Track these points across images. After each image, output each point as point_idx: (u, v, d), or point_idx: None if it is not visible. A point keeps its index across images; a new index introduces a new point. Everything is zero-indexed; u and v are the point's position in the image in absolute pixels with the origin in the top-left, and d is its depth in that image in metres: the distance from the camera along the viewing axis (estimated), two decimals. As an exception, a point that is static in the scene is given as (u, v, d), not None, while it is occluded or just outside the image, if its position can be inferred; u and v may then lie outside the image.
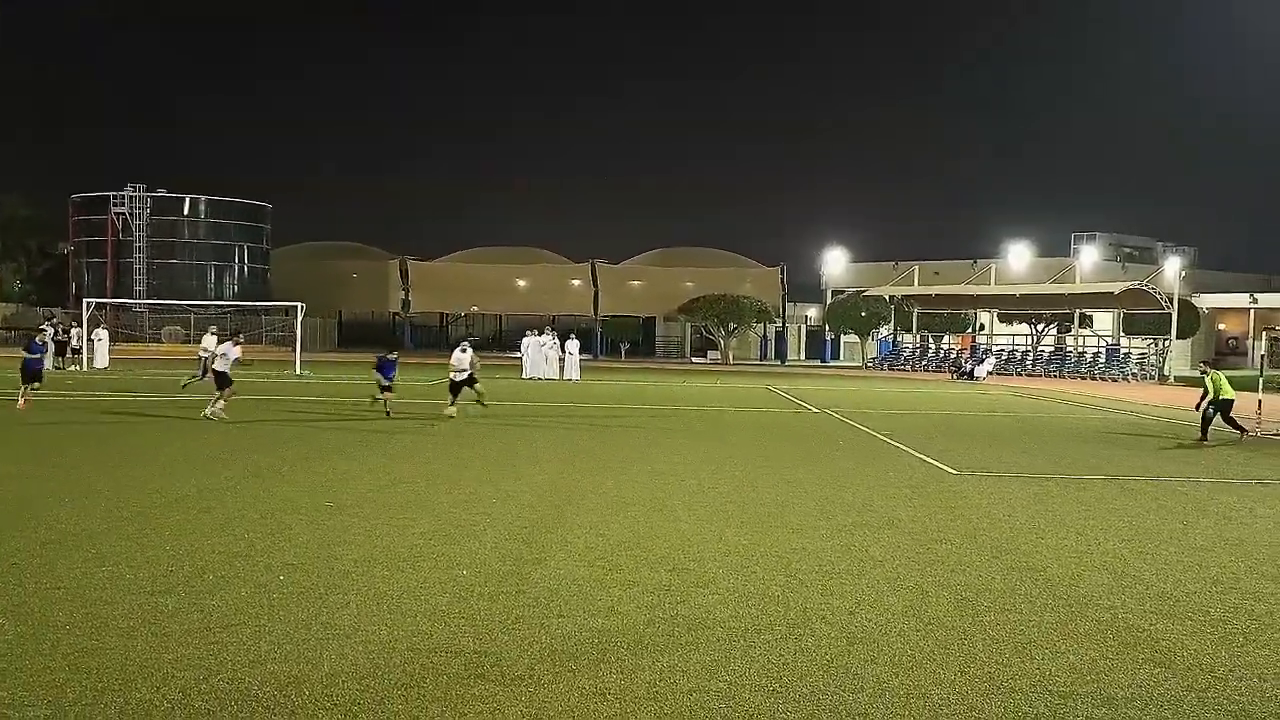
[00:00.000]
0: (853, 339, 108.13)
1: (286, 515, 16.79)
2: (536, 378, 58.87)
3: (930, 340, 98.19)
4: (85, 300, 67.40)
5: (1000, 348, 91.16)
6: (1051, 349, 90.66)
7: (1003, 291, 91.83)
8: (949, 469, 24.16)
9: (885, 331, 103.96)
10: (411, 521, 16.49)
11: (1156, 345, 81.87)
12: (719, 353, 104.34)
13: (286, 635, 10.57)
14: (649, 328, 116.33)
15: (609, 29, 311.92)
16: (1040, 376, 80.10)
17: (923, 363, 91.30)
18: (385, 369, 33.51)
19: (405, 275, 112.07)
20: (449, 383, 33.55)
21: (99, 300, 78.36)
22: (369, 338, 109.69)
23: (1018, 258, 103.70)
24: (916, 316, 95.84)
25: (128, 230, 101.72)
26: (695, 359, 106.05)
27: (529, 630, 10.92)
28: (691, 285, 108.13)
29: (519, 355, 62.84)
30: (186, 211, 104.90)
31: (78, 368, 57.62)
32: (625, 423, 33.03)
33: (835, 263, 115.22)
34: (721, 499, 19.32)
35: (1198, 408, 32.78)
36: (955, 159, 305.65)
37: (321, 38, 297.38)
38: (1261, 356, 48.09)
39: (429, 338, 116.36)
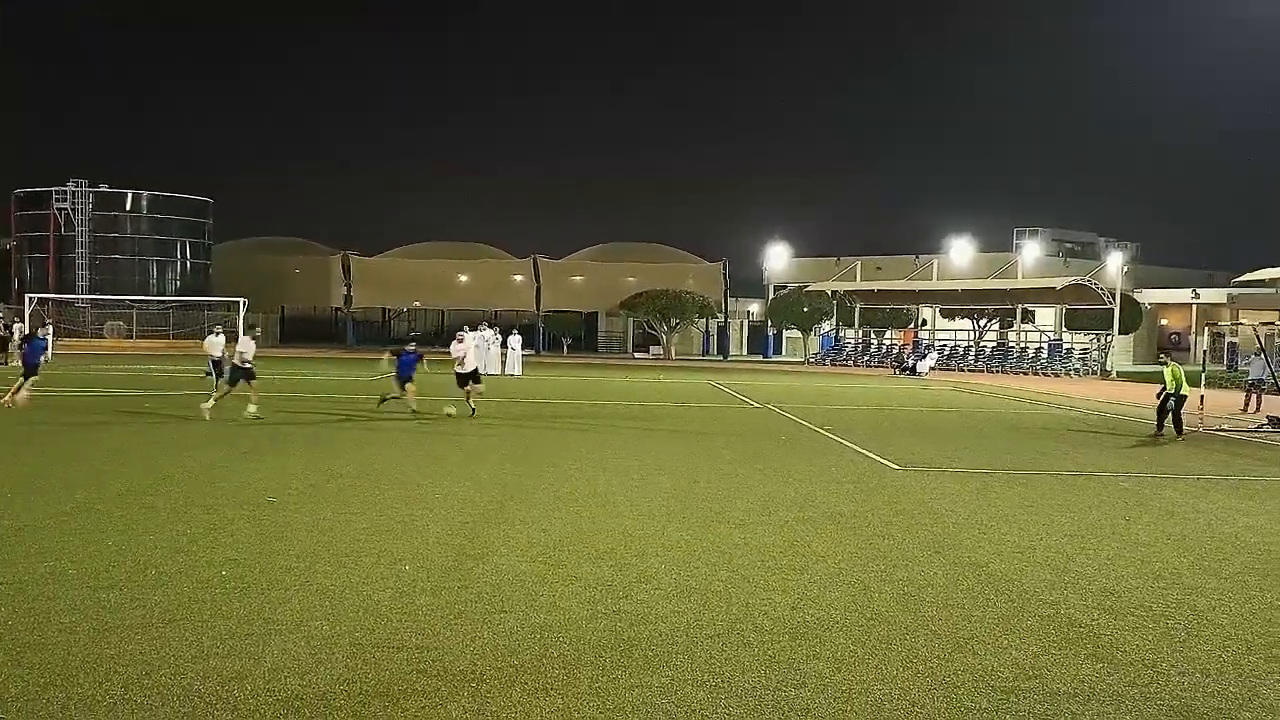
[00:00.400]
0: (795, 334, 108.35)
1: (229, 510, 16.75)
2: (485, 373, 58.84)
3: (873, 335, 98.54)
4: (27, 295, 66.97)
5: (943, 343, 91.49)
6: (994, 344, 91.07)
7: (945, 287, 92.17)
8: (891, 464, 24.24)
9: (827, 327, 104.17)
10: (354, 517, 16.46)
11: (1099, 341, 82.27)
12: (661, 348, 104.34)
13: (229, 630, 10.55)
14: (591, 323, 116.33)
15: (550, 28, 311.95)
16: (983, 372, 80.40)
17: (865, 358, 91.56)
18: (406, 364, 32.30)
19: (347, 271, 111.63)
20: (455, 376, 33.41)
21: (41, 296, 77.87)
22: (311, 333, 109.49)
23: (960, 253, 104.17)
24: (859, 312, 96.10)
25: (70, 226, 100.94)
26: (638, 354, 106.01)
27: (471, 626, 10.90)
28: (634, 281, 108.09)
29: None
30: (129, 207, 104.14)
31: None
32: (568, 418, 32.98)
33: (777, 258, 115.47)
34: (664, 494, 19.33)
35: (1159, 397, 32.85)
36: (898, 155, 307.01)
37: (260, 34, 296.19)
38: (1204, 352, 48.32)
39: (371, 333, 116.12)
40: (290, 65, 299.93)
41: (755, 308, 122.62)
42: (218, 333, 40.22)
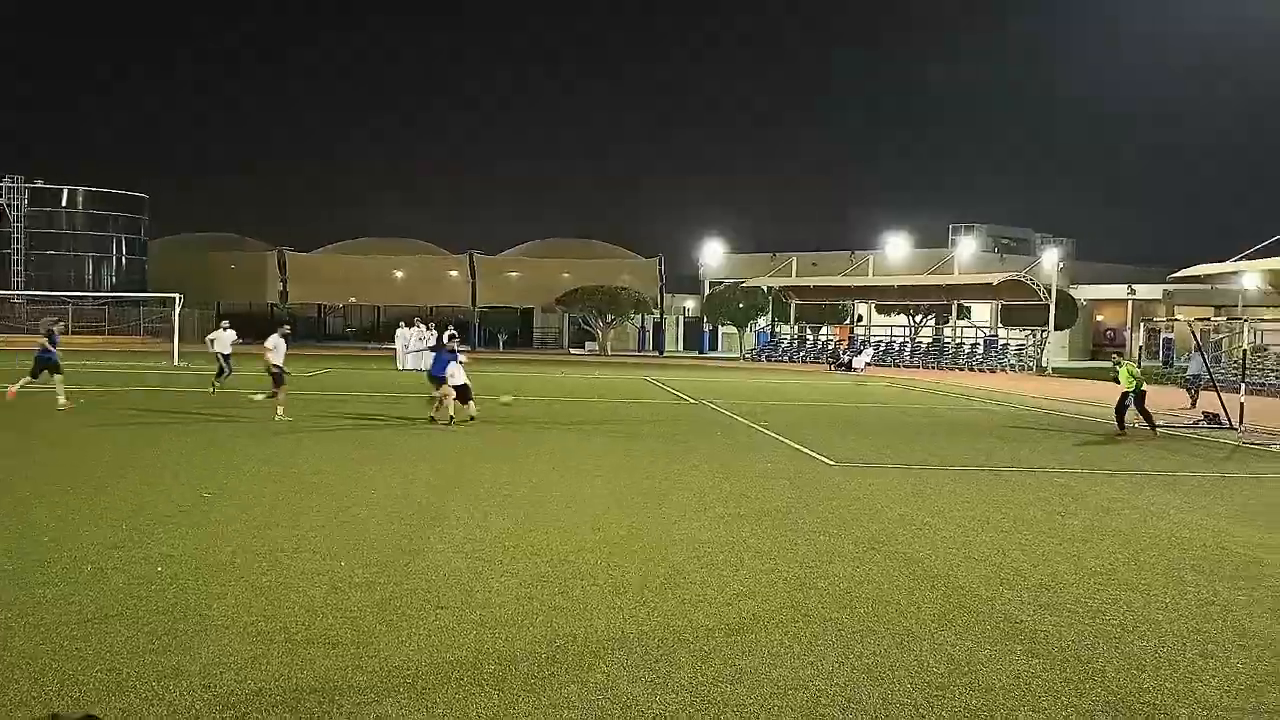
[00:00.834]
0: (731, 330, 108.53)
1: (165, 506, 16.70)
2: (414, 369, 58.82)
3: (809, 331, 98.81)
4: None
5: (878, 339, 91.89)
6: (930, 340, 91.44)
7: (881, 282, 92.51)
8: (827, 460, 24.29)
9: (763, 323, 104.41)
10: (290, 512, 16.46)
11: (1034, 337, 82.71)
12: (597, 344, 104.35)
13: (164, 626, 10.51)
14: (527, 319, 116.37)
15: (485, 25, 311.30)
16: (918, 368, 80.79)
17: (801, 354, 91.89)
18: (440, 363, 30.47)
19: (283, 267, 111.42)
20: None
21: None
22: (247, 329, 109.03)
23: (896, 249, 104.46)
24: (795, 308, 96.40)
25: (4, 221, 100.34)
26: (573, 350, 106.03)
27: (407, 623, 10.88)
28: (569, 277, 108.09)
29: (393, 347, 62.73)
30: (64, 202, 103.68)
31: None
32: (503, 415, 32.90)
33: (713, 254, 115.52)
34: (599, 490, 19.34)
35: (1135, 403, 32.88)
36: (834, 150, 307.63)
37: (195, 29, 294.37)
38: (1139, 348, 48.68)
39: (306, 329, 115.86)
40: (223, 61, 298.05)
41: (691, 304, 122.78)
42: (225, 327, 39.55)
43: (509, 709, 8.74)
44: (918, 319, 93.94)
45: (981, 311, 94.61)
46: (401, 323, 64.64)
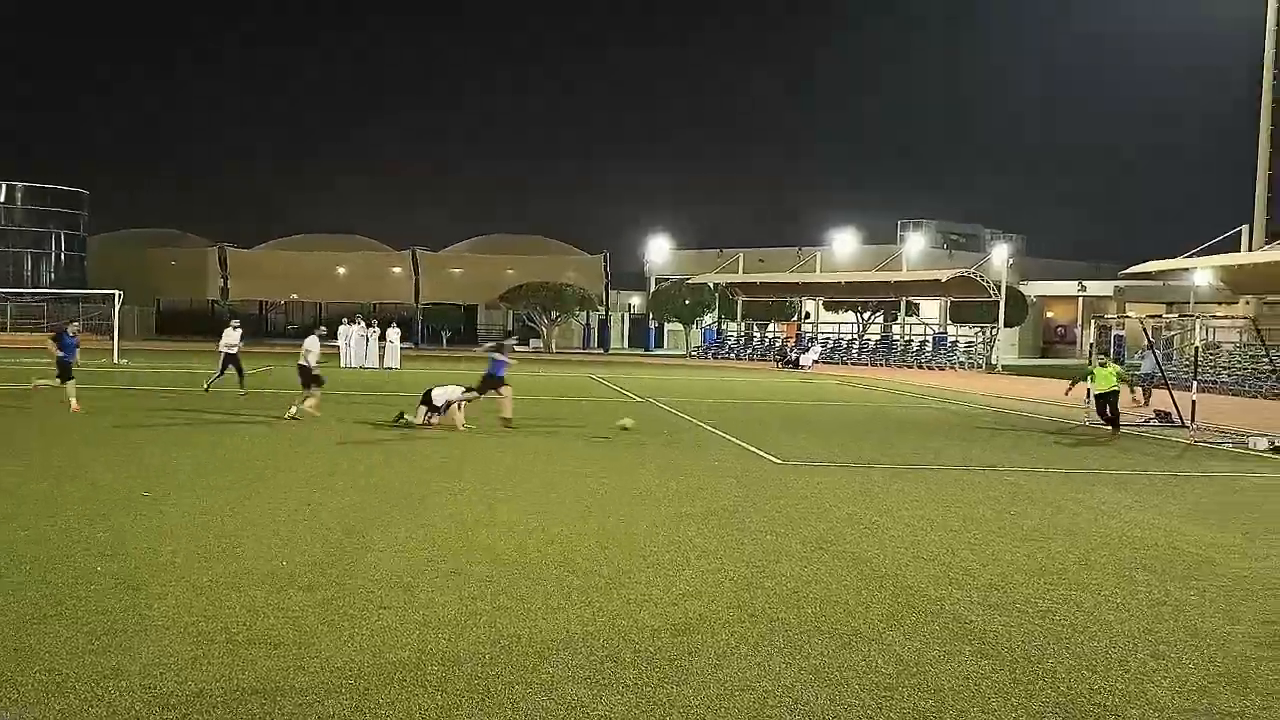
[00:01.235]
0: (677, 327, 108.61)
1: (105, 505, 16.72)
2: (356, 366, 58.81)
3: (755, 329, 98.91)
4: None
5: (826, 336, 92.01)
6: (878, 337, 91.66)
7: (829, 279, 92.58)
8: (775, 459, 24.34)
9: (709, 320, 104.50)
10: (231, 512, 16.44)
11: (984, 334, 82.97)
12: (541, 341, 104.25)
13: (104, 626, 10.52)
14: (471, 316, 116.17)
15: (426, 25, 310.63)
16: (867, 365, 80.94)
17: (748, 351, 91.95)
18: (499, 365, 29.62)
19: (224, 263, 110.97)
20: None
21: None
22: (187, 326, 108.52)
23: (844, 245, 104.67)
24: (741, 304, 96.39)
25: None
26: (518, 348, 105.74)
27: (349, 623, 10.89)
28: (513, 273, 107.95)
29: (336, 344, 62.64)
30: (2, 198, 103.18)
31: None
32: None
33: (659, 250, 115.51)
34: (544, 489, 19.34)
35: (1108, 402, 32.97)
36: (781, 145, 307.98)
37: (135, 24, 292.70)
38: (1090, 345, 48.88)
39: (247, 326, 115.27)
40: (161, 57, 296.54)
41: (637, 301, 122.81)
42: (235, 326, 38.98)
43: (452, 711, 8.74)
44: (866, 316, 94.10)
45: (930, 308, 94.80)
46: (344, 319, 64.56)
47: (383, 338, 61.45)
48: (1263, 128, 65.61)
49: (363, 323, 62.36)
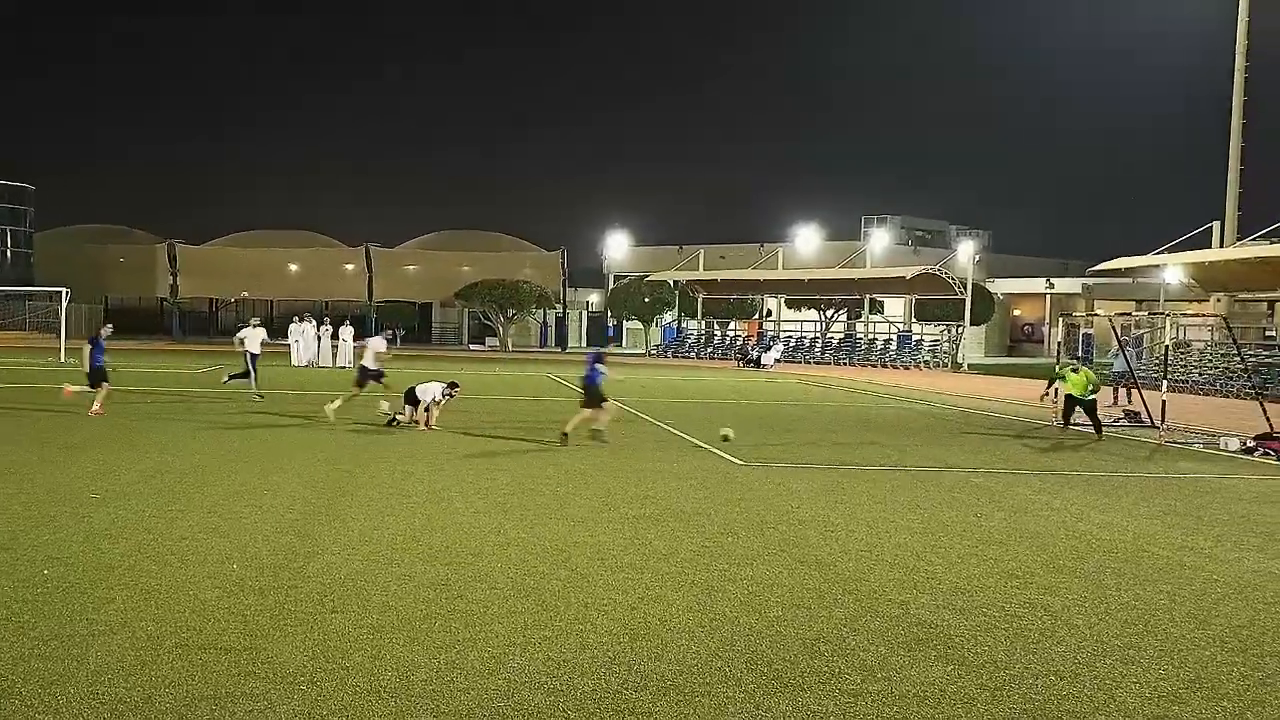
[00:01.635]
0: (636, 326, 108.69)
1: (51, 507, 16.67)
2: (307, 365, 58.76)
3: (716, 327, 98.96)
4: None
5: (788, 334, 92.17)
6: (841, 336, 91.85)
7: (791, 276, 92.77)
8: (735, 460, 24.34)
9: (669, 318, 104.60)
10: (180, 513, 16.42)
11: (949, 332, 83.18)
12: (498, 340, 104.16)
13: (51, 631, 10.49)
14: (425, 314, 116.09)
15: (381, 10, 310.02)
16: (830, 364, 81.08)
17: (708, 350, 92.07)
18: (597, 371, 28.46)
19: (173, 260, 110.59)
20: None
21: None
22: (135, 325, 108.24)
23: (806, 241, 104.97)
24: (702, 302, 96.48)
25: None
26: (473, 346, 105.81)
27: (302, 627, 10.87)
28: (469, 270, 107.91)
29: (288, 342, 62.54)
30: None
31: None
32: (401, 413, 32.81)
33: (618, 247, 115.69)
34: (500, 491, 19.34)
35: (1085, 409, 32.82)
36: (743, 142, 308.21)
37: (81, 20, 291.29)
38: (1058, 344, 49.06)
39: (197, 324, 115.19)
40: (110, 51, 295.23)
41: (595, 298, 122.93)
42: (256, 324, 38.44)
43: (406, 716, 8.72)
44: (829, 314, 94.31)
45: (895, 306, 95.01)
46: (295, 318, 64.47)
47: (335, 336, 61.33)
48: (1234, 122, 65.90)
49: (312, 320, 62.26)
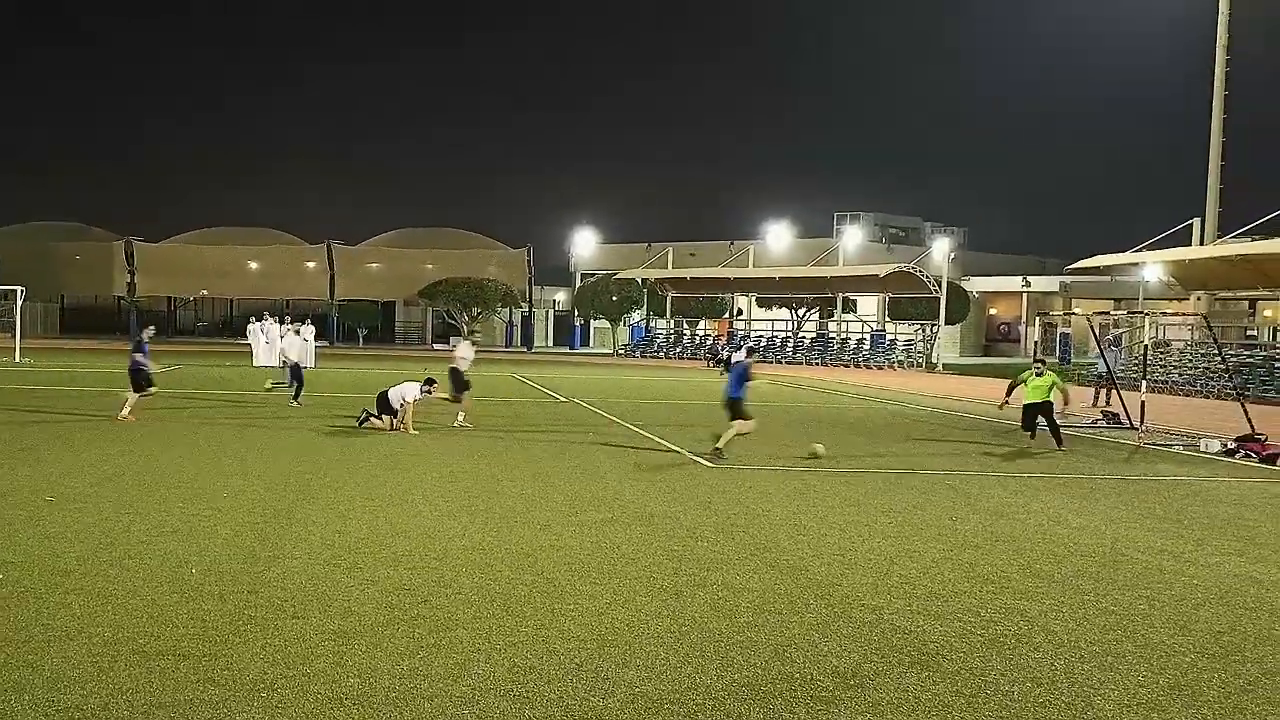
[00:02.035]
0: (603, 325, 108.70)
1: (5, 510, 16.68)
2: (269, 365, 58.73)
3: (686, 326, 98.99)
4: None
5: (759, 334, 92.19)
6: (813, 335, 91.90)
7: (762, 274, 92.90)
8: (705, 462, 24.36)
9: (638, 317, 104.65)
10: (137, 516, 16.42)
11: (924, 331, 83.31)
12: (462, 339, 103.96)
13: (5, 638, 10.48)
14: (389, 313, 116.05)
15: (334, 8, 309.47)
16: (801, 364, 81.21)
17: (677, 350, 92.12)
18: (738, 376, 26.94)
19: (131, 258, 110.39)
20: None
21: None
22: (92, 324, 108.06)
23: (777, 239, 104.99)
24: (671, 301, 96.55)
25: None
26: (437, 345, 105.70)
27: (262, 632, 10.87)
28: (432, 268, 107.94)
29: (248, 341, 62.56)
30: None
31: None
32: (354, 414, 32.78)
33: (585, 244, 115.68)
34: (465, 494, 19.34)
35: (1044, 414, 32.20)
36: (712, 135, 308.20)
37: (35, 13, 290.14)
38: (1035, 343, 49.16)
39: (156, 324, 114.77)
40: (69, 45, 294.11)
41: (562, 297, 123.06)
42: (298, 330, 37.85)
43: (368, 724, 8.73)
44: (801, 313, 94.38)
45: (868, 305, 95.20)
46: (252, 318, 64.46)
47: (297, 335, 61.34)
48: (1215, 117, 66.04)
49: (271, 319, 62.21)
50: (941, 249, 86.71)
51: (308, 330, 61.40)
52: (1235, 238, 62.93)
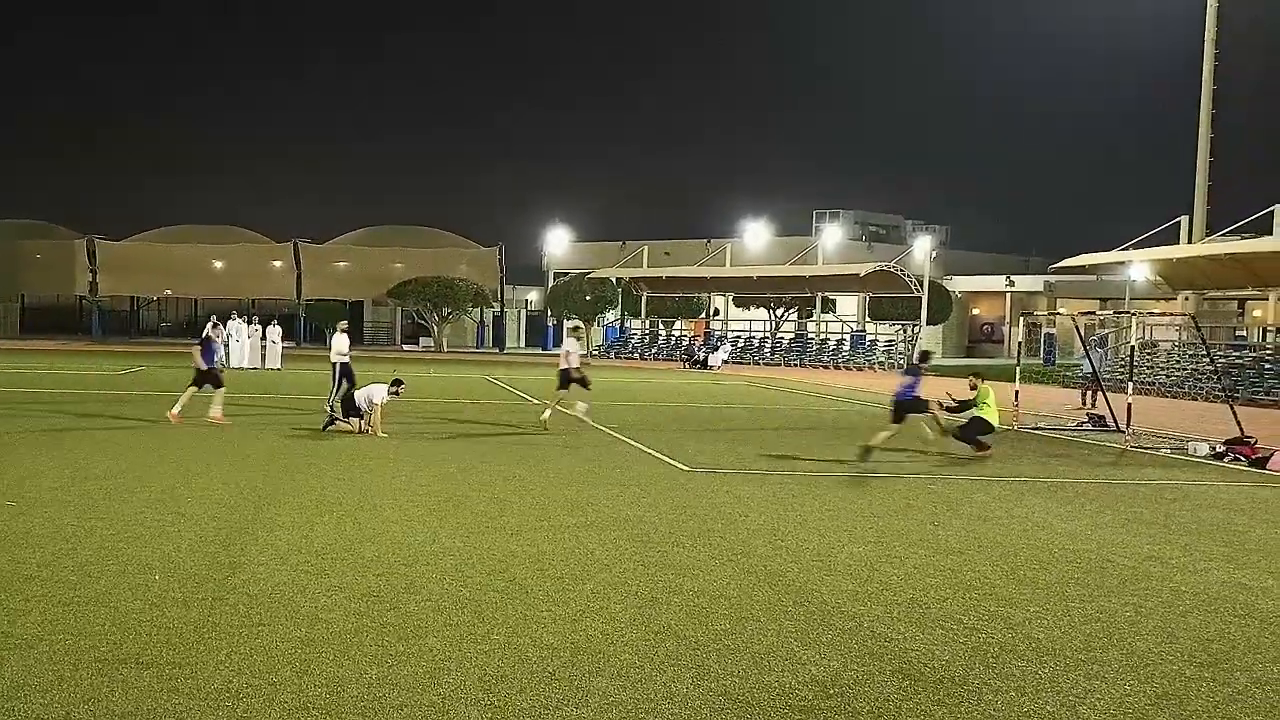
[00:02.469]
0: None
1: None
2: (236, 367, 58.71)
3: (661, 326, 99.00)
4: None
5: (736, 334, 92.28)
6: (792, 336, 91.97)
7: (739, 273, 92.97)
8: (681, 465, 24.39)
9: (612, 317, 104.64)
10: (100, 521, 16.37)
11: (905, 332, 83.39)
12: (432, 340, 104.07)
13: (-34, 646, 10.47)
14: (357, 313, 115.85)
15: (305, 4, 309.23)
16: (780, 365, 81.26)
17: (652, 350, 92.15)
18: (908, 390, 27.53)
19: (93, 257, 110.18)
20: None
21: None
22: (53, 324, 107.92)
23: (755, 237, 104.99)
24: (646, 300, 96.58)
25: None
26: (406, 346, 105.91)
27: (227, 640, 10.84)
28: (402, 267, 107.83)
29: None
30: None
31: None
32: (320, 419, 32.74)
33: (558, 243, 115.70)
34: (435, 498, 19.32)
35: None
36: (689, 135, 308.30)
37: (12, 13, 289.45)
38: (1019, 344, 49.20)
39: (118, 323, 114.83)
40: (19, 36, 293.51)
41: (534, 296, 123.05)
42: (344, 330, 37.13)
43: (334, 736, 8.73)
44: (779, 313, 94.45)
45: (848, 305, 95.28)
46: (214, 316, 64.50)
47: (263, 337, 61.32)
48: (1203, 113, 66.17)
49: (238, 320, 62.22)
50: (923, 247, 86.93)
51: (274, 331, 61.44)
52: (1224, 236, 63.06)
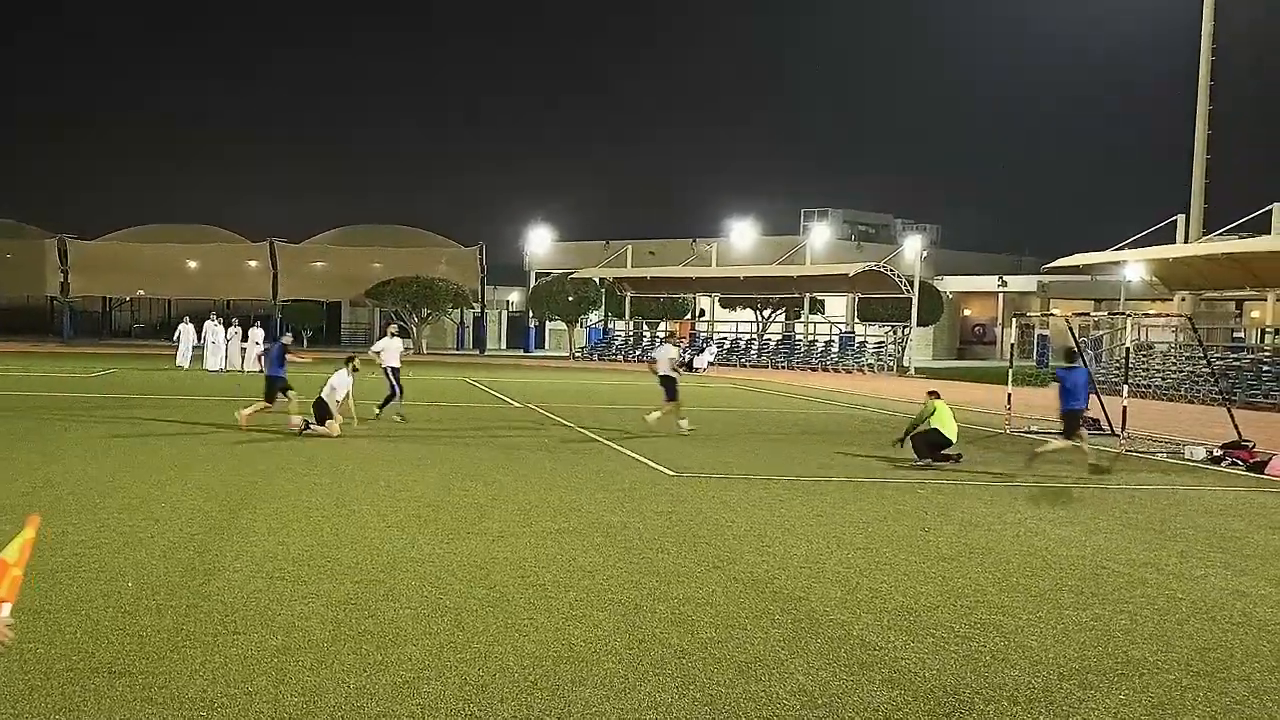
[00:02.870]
0: (559, 326, 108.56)
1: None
2: (217, 370, 58.70)
3: (645, 328, 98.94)
4: None
5: (723, 336, 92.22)
6: (779, 337, 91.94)
7: (725, 274, 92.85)
8: (666, 470, 24.39)
9: (595, 318, 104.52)
10: (70, 527, 16.32)
11: (895, 333, 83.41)
12: (411, 341, 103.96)
13: (-69, 657, 10.39)
14: (334, 314, 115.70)
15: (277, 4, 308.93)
16: (767, 367, 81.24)
17: (636, 352, 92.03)
18: (1077, 398, 27.03)
19: (64, 256, 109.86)
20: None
21: None
22: (23, 325, 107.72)
23: (742, 236, 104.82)
24: (630, 301, 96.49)
25: None
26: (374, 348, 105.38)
27: (202, 649, 10.84)
28: (380, 267, 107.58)
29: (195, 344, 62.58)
30: None
31: None
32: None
33: (540, 242, 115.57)
34: (414, 503, 19.31)
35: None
36: (674, 132, 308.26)
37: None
38: (1011, 345, 49.21)
39: (90, 325, 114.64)
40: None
41: (515, 297, 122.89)
42: (394, 334, 36.44)
43: (310, 744, 8.73)
44: (766, 314, 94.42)
45: (837, 305, 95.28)
46: (186, 317, 64.43)
47: (244, 339, 61.48)
48: (1200, 108, 66.15)
49: (220, 321, 62.28)
50: (913, 247, 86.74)
51: (256, 333, 61.49)
52: (1221, 235, 63.05)
